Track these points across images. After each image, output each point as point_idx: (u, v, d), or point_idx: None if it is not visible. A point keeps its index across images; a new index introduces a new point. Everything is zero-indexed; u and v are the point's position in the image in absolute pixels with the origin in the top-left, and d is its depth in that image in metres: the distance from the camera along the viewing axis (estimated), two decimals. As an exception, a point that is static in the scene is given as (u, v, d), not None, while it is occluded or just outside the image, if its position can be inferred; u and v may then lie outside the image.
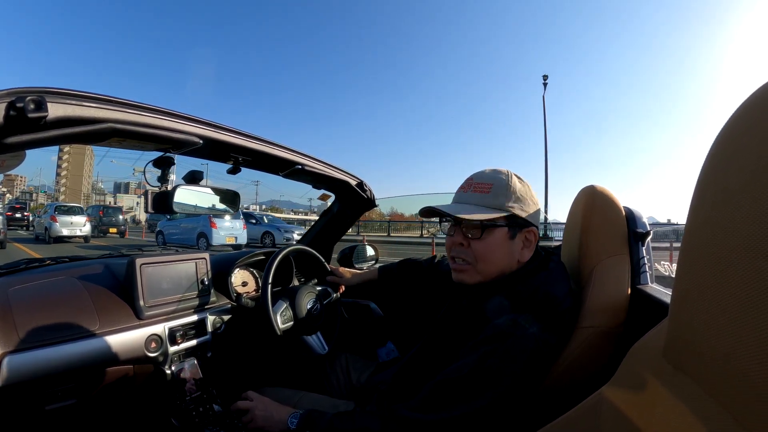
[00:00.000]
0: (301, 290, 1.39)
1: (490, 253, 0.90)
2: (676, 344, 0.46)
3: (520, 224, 0.90)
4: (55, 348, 0.92)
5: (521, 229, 0.90)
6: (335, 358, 1.39)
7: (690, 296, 0.42)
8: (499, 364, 0.76)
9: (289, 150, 1.30)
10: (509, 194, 0.90)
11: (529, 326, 0.79)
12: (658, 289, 0.85)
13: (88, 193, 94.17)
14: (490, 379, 0.76)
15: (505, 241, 0.89)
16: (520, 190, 0.91)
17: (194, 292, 1.26)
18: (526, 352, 0.77)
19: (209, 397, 1.17)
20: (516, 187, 0.91)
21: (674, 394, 0.44)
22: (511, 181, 0.91)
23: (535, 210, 0.92)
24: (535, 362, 0.79)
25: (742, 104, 0.37)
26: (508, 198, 0.89)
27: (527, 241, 0.91)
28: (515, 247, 0.90)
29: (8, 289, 1.01)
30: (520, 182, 0.92)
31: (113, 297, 1.11)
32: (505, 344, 0.77)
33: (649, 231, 0.91)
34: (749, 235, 0.34)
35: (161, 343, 1.12)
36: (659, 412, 0.45)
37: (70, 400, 0.97)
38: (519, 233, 0.90)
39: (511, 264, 0.91)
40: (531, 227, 0.91)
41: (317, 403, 1.09)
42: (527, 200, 0.91)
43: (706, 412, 0.39)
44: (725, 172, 0.38)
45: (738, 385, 0.35)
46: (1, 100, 0.65)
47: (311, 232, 1.90)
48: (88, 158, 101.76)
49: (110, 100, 0.81)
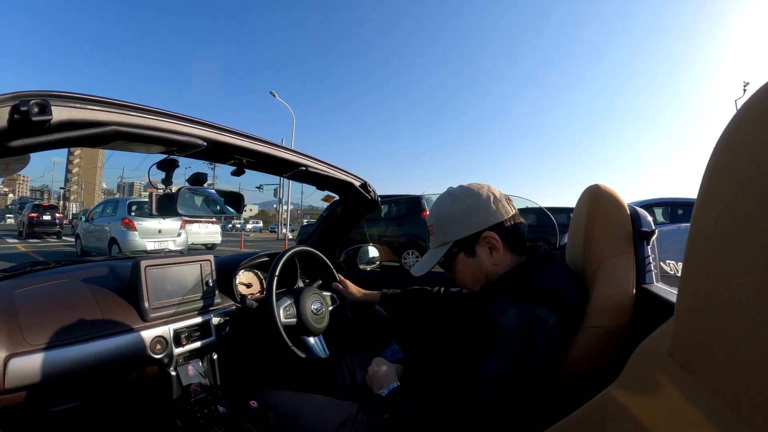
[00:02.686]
0: (306, 291, 1.39)
1: (464, 276, 0.99)
2: (682, 344, 0.45)
3: (469, 241, 0.95)
4: (61, 350, 0.92)
5: (476, 242, 0.94)
6: (340, 358, 1.38)
7: (697, 295, 0.41)
8: (532, 366, 0.76)
9: (292, 151, 1.30)
10: (444, 226, 0.97)
11: (548, 317, 0.79)
12: (664, 288, 0.85)
13: (98, 192, 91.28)
14: (527, 383, 0.75)
15: (468, 261, 0.96)
16: (454, 210, 0.96)
17: (199, 293, 1.27)
18: (553, 344, 0.78)
19: (214, 398, 1.17)
20: (446, 213, 0.97)
21: (681, 394, 0.43)
22: (442, 211, 0.98)
23: (480, 217, 0.94)
24: (558, 354, 0.79)
25: (754, 94, 0.36)
26: (445, 230, 0.97)
27: (490, 244, 0.94)
28: (482, 258, 0.95)
29: (13, 292, 1.02)
30: (452, 203, 0.97)
31: (118, 299, 1.11)
32: (533, 344, 0.76)
33: (654, 230, 0.90)
34: (758, 234, 0.33)
35: (166, 345, 1.12)
36: (666, 412, 0.45)
37: (76, 402, 0.98)
38: (476, 246, 0.95)
39: (489, 272, 0.95)
40: (482, 234, 0.93)
41: (322, 405, 1.09)
42: (466, 215, 0.95)
43: (713, 412, 0.39)
44: (733, 169, 0.37)
45: (745, 386, 0.35)
46: (5, 104, 0.65)
47: (316, 233, 1.90)
48: (101, 154, 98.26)
49: (114, 103, 0.82)
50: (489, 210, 0.94)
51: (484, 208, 0.94)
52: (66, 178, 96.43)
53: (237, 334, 1.34)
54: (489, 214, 0.94)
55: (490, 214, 0.94)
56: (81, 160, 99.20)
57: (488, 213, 0.94)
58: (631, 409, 0.50)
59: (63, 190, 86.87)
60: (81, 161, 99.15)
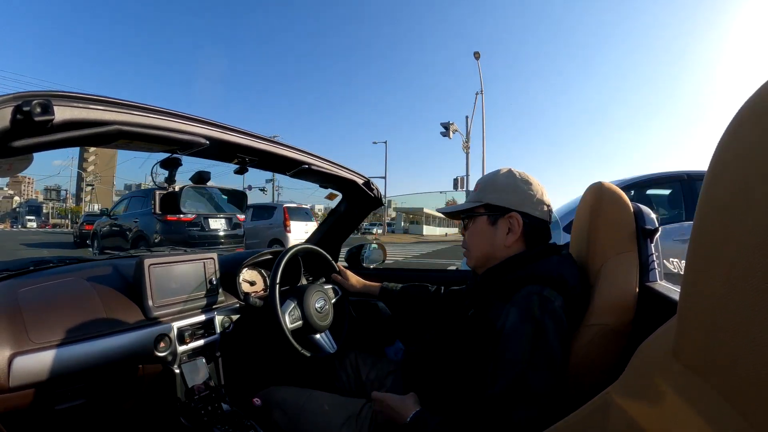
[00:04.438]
0: (309, 289, 1.39)
1: (474, 238, 1.03)
2: (685, 343, 0.45)
3: (497, 210, 0.99)
4: (65, 348, 0.93)
5: (502, 215, 0.98)
6: (344, 355, 1.39)
7: (699, 293, 0.41)
8: (547, 347, 0.77)
9: (295, 149, 1.30)
10: (490, 187, 1.02)
11: (555, 299, 0.82)
12: (667, 287, 0.85)
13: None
14: (547, 364, 0.76)
15: (486, 227, 1.00)
16: (504, 182, 1.01)
17: (202, 291, 1.27)
18: (562, 326, 0.80)
19: (218, 396, 1.18)
20: (499, 180, 1.02)
21: (683, 393, 0.43)
22: (493, 178, 1.03)
23: (520, 198, 0.98)
24: (567, 339, 0.81)
25: (757, 91, 0.36)
26: (488, 191, 1.02)
27: (511, 226, 0.97)
28: (498, 232, 0.98)
29: (17, 291, 1.02)
30: (508, 176, 1.02)
31: (122, 297, 1.12)
32: (544, 324, 0.78)
33: (657, 228, 0.90)
34: (762, 231, 0.33)
35: (170, 343, 1.12)
36: (668, 411, 0.44)
37: (80, 400, 0.98)
38: (500, 219, 0.98)
39: (495, 249, 0.99)
40: (511, 213, 0.97)
41: (326, 402, 1.10)
42: (510, 190, 0.99)
43: (716, 412, 0.38)
44: (736, 167, 0.37)
45: (749, 385, 0.35)
46: (8, 104, 0.66)
47: (319, 231, 1.90)
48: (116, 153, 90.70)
49: (116, 103, 0.82)
50: (529, 198, 0.98)
51: (526, 195, 0.99)
52: (78, 175, 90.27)
53: (241, 331, 1.35)
54: (526, 201, 0.98)
55: (528, 201, 0.98)
56: (96, 157, 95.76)
57: (526, 199, 0.98)
58: (632, 408, 0.50)
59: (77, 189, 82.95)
60: (96, 158, 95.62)
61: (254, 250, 1.60)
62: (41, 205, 79.40)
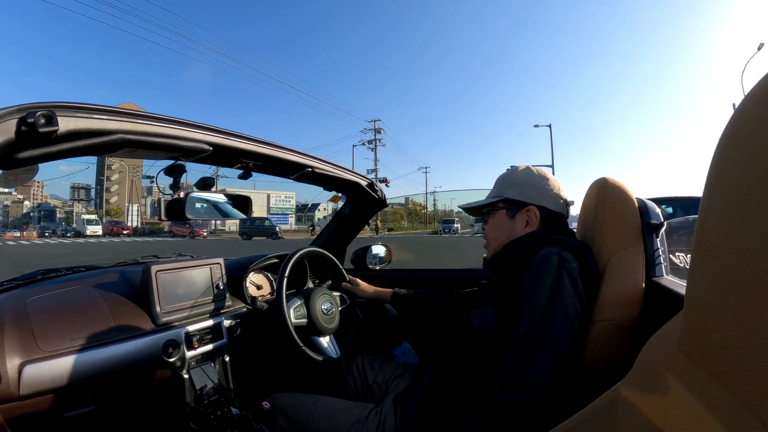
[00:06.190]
0: (316, 291, 1.39)
1: (493, 230, 1.09)
2: (692, 337, 0.44)
3: (515, 204, 1.04)
4: (74, 356, 0.94)
5: (520, 208, 1.04)
6: (351, 359, 1.39)
7: (706, 288, 0.41)
8: (566, 300, 0.80)
9: (299, 153, 1.31)
10: (508, 183, 1.07)
11: (572, 261, 0.84)
12: (674, 281, 0.84)
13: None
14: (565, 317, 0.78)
15: (505, 220, 1.06)
16: (522, 177, 1.06)
17: (209, 296, 1.28)
18: (578, 287, 0.82)
19: (227, 400, 1.18)
20: (517, 176, 1.07)
21: (691, 389, 0.43)
22: (512, 174, 1.09)
23: (537, 192, 1.03)
24: (581, 304, 0.82)
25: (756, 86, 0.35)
26: (506, 186, 1.07)
27: (529, 219, 1.03)
28: (517, 225, 1.04)
29: (26, 300, 1.04)
30: (526, 172, 1.07)
31: (129, 304, 1.13)
32: (562, 281, 0.81)
33: (662, 222, 0.89)
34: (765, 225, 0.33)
35: (178, 348, 1.13)
36: (676, 408, 0.44)
37: (90, 407, 0.99)
38: (519, 213, 1.04)
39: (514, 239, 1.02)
40: (529, 206, 1.02)
41: (332, 407, 1.10)
42: (527, 184, 1.04)
43: (724, 407, 0.38)
44: (738, 162, 0.37)
45: (757, 380, 0.34)
46: (12, 117, 0.66)
47: (324, 233, 1.90)
48: None
49: (119, 112, 0.83)
50: (546, 192, 1.03)
51: (544, 190, 1.04)
52: (97, 179, 78.78)
53: (248, 335, 1.35)
54: (544, 195, 1.03)
55: (545, 195, 1.03)
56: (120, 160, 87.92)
57: (543, 193, 1.03)
58: (641, 405, 0.49)
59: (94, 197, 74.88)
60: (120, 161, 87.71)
61: (260, 254, 1.61)
62: (54, 209, 78.19)
